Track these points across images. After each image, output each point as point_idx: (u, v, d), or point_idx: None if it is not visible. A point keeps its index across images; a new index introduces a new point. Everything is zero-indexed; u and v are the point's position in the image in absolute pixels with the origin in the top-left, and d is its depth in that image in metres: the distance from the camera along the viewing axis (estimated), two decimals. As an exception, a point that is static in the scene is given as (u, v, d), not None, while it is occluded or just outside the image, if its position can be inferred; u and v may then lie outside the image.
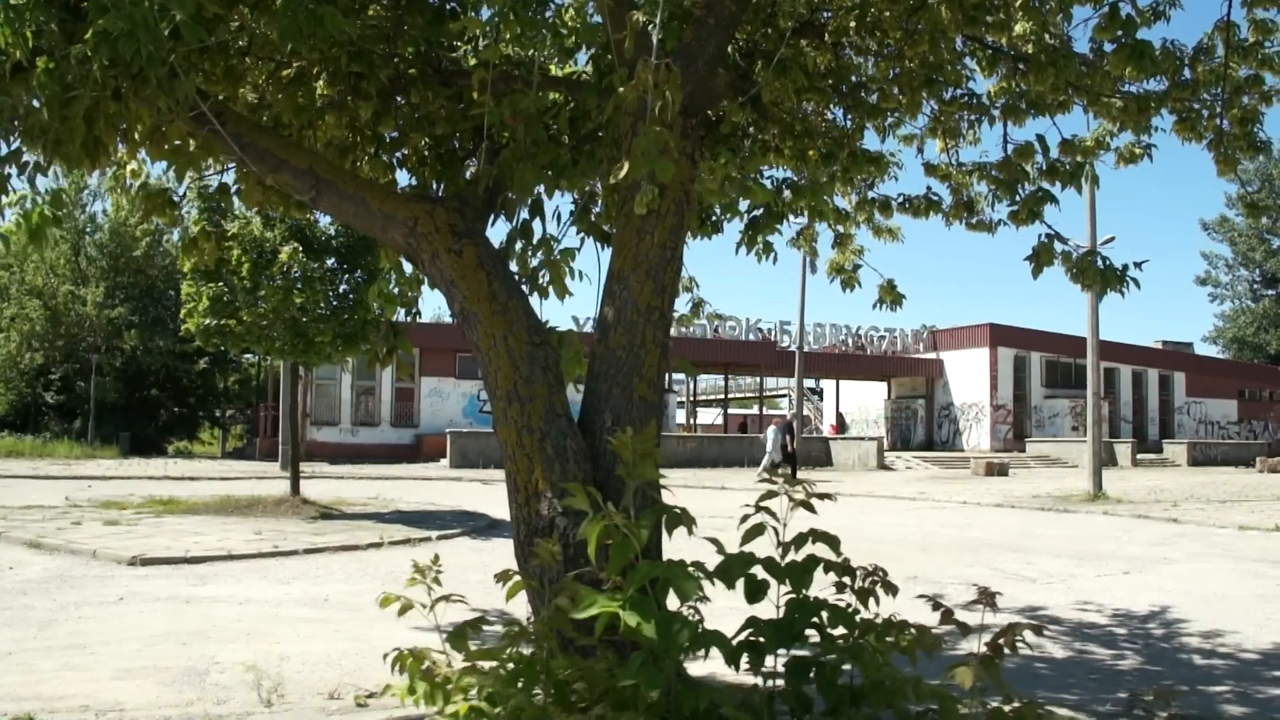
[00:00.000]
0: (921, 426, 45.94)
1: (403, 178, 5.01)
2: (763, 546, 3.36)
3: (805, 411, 58.95)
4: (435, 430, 34.10)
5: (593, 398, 3.32)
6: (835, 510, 16.97)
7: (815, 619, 2.54)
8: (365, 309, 14.79)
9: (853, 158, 5.48)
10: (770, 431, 29.27)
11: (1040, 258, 4.56)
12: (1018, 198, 4.89)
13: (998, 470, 30.35)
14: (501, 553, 11.86)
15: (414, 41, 3.94)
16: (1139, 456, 39.22)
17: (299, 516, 14.81)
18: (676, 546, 4.65)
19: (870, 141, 8.69)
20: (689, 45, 3.47)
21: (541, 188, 4.11)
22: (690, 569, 2.48)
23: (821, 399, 56.26)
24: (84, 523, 13.81)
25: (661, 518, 2.66)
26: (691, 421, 61.22)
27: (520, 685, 2.41)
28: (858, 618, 2.53)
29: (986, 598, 2.46)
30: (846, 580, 2.67)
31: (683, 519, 2.70)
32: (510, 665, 2.47)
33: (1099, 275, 4.38)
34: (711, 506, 19.11)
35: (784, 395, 57.52)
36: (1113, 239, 34.23)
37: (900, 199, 5.89)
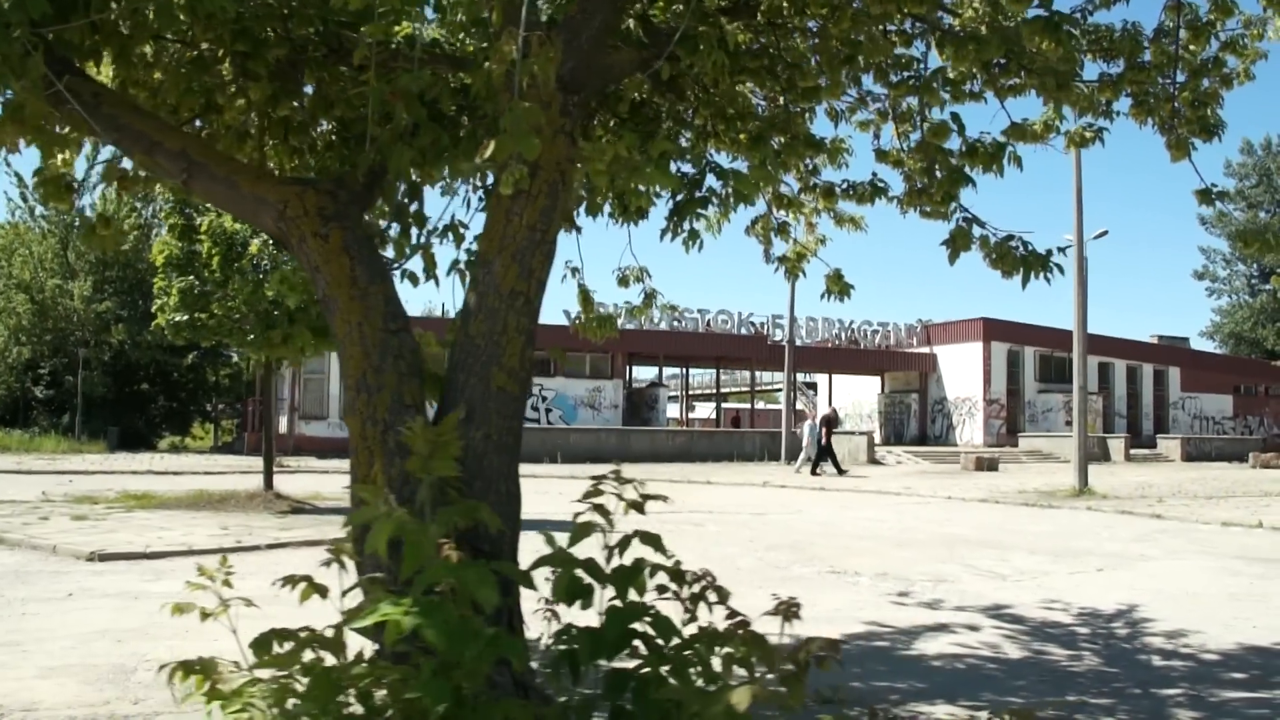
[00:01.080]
0: (915, 421, 45.79)
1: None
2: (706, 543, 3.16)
3: (799, 405, 58.87)
4: (424, 424, 33.96)
5: (449, 389, 3.15)
6: (817, 505, 16.85)
7: (636, 627, 2.36)
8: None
9: (794, 141, 5.29)
10: (807, 426, 29.01)
11: (957, 243, 4.37)
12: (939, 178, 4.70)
13: (987, 465, 30.19)
14: (469, 548, 11.67)
15: (309, 20, 3.77)
16: (1132, 452, 39.08)
17: (269, 511, 14.67)
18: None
19: (824, 128, 8.47)
20: (572, 18, 3.29)
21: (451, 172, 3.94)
22: (494, 572, 2.30)
23: (816, 393, 56.11)
24: (51, 517, 13.66)
25: (482, 516, 2.48)
26: (688, 416, 61.15)
27: (313, 695, 2.25)
28: (688, 626, 2.35)
29: (785, 609, 2.27)
30: (674, 586, 2.48)
31: (484, 516, 2.52)
32: (300, 674, 2.31)
33: (1019, 261, 4.20)
34: (690, 501, 18.98)
35: (779, 389, 57.36)
36: (1105, 233, 34.05)
37: (844, 185, 5.71)
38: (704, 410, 65.33)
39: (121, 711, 5.12)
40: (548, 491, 21.40)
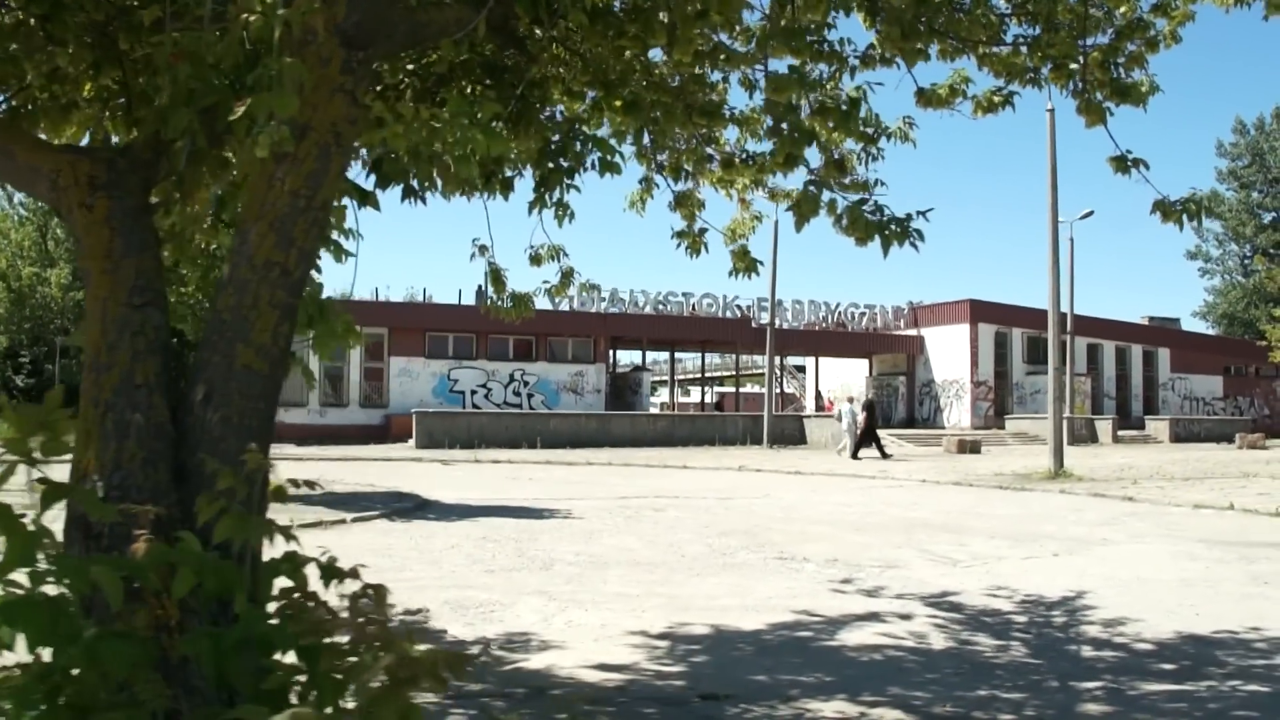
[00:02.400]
0: (903, 404, 45.53)
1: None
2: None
3: (790, 389, 58.60)
4: (404, 410, 33.68)
5: (196, 367, 2.91)
6: (786, 489, 16.48)
7: (271, 634, 2.11)
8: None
9: (687, 109, 5.00)
10: (844, 410, 28.71)
11: (802, 208, 4.09)
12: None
13: (970, 448, 29.95)
14: (410, 536, 11.42)
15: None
16: (1120, 433, 38.86)
17: (223, 500, 14.42)
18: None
19: (738, 98, 8.02)
20: (357, -31, 3.02)
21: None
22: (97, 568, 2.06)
23: (805, 375, 55.87)
24: (0, 508, 13.42)
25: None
26: (677, 400, 60.87)
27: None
28: (334, 637, 2.09)
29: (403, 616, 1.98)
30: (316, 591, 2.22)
31: (78, 499, 2.27)
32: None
33: (874, 227, 3.92)
34: (659, 486, 18.76)
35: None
36: (1091, 213, 33.72)
37: (743, 155, 5.41)
38: (697, 394, 65.05)
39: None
40: (518, 477, 21.18)
